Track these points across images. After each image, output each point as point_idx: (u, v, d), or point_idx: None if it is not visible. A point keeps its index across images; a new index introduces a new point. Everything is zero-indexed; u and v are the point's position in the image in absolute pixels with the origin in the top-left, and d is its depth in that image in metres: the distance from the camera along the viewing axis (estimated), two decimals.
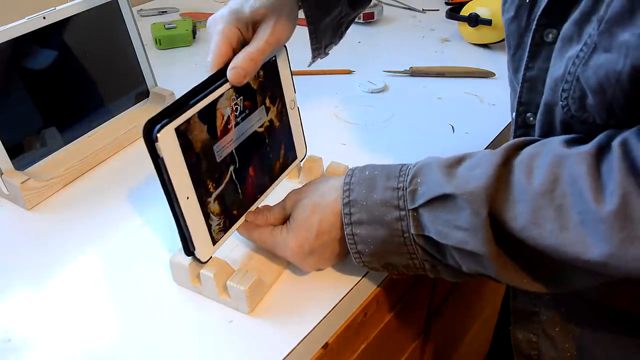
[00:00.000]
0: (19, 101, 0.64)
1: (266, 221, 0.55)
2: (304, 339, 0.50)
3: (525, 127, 0.52)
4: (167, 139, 0.45)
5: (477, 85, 0.89)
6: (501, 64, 0.91)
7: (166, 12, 1.16)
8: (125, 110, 0.76)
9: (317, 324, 0.51)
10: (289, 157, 0.62)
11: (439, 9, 1.17)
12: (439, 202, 0.45)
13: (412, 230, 0.46)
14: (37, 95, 0.66)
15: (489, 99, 0.86)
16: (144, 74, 0.78)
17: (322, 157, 0.65)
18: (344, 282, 0.55)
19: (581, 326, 0.54)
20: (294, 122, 0.62)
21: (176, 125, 0.46)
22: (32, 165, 0.66)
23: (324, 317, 0.52)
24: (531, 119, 0.51)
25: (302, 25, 0.56)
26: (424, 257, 0.48)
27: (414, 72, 0.92)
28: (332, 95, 0.87)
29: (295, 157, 0.63)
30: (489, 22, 0.96)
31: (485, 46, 1.01)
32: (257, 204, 0.58)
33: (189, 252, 0.50)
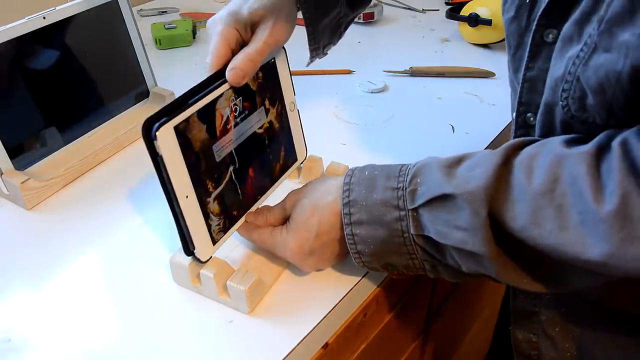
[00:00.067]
0: (19, 101, 0.64)
1: (266, 221, 0.55)
2: (304, 339, 0.50)
3: (525, 127, 0.52)
4: (166, 137, 0.45)
5: (477, 85, 0.89)
6: (501, 64, 0.92)
7: (166, 12, 1.16)
8: (125, 110, 0.76)
9: (317, 324, 0.51)
10: (289, 159, 0.62)
11: (439, 9, 1.17)
12: (438, 202, 0.45)
13: (412, 230, 0.46)
14: (37, 95, 0.66)
15: (489, 99, 0.86)
16: (144, 74, 0.78)
17: (322, 157, 0.65)
18: (344, 282, 0.55)
19: (581, 326, 0.54)
20: (293, 124, 0.62)
21: (175, 123, 0.46)
22: (32, 165, 0.66)
23: (324, 317, 0.52)
24: (531, 119, 0.51)
25: (301, 25, 0.56)
26: (423, 257, 0.48)
27: (414, 72, 0.92)
28: (332, 95, 0.87)
29: (295, 159, 0.63)
30: (489, 22, 0.96)
31: (485, 46, 1.01)
32: (257, 205, 0.57)
33: (188, 251, 0.50)
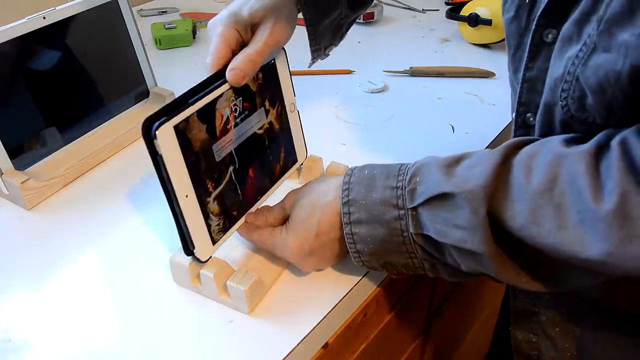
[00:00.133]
0: (18, 101, 0.64)
1: (266, 222, 0.55)
2: (304, 339, 0.50)
3: (525, 127, 0.52)
4: (166, 137, 0.45)
5: (477, 85, 0.89)
6: (501, 64, 0.92)
7: (166, 12, 1.16)
8: (125, 110, 0.76)
9: (317, 324, 0.51)
10: (289, 160, 0.62)
11: (439, 9, 1.17)
12: (438, 201, 0.45)
13: (411, 229, 0.46)
14: (37, 95, 0.66)
15: (489, 99, 0.86)
16: (144, 74, 0.78)
17: (322, 157, 0.66)
18: (344, 282, 0.55)
19: (581, 326, 0.54)
20: (294, 125, 0.62)
21: (175, 123, 0.46)
22: (32, 165, 0.66)
23: (324, 317, 0.52)
24: (531, 119, 0.51)
25: (302, 25, 0.56)
26: (423, 256, 0.48)
27: (414, 72, 0.92)
28: (332, 95, 0.87)
29: (295, 160, 0.63)
30: (489, 22, 0.96)
31: (485, 46, 1.01)
32: (257, 205, 0.57)
33: (188, 251, 0.50)
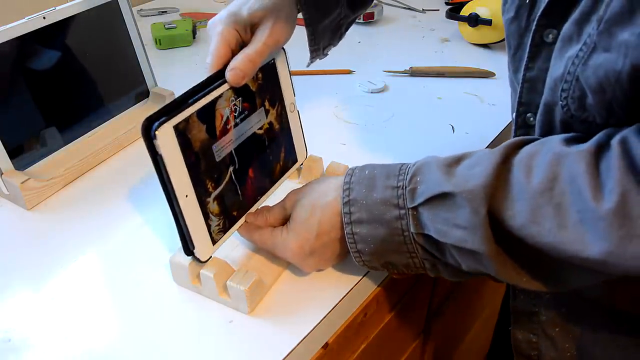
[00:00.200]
0: (19, 101, 0.64)
1: (266, 222, 0.55)
2: (304, 339, 0.50)
3: (525, 127, 0.52)
4: (165, 137, 0.45)
5: (477, 85, 0.89)
6: (501, 64, 0.92)
7: (166, 12, 1.16)
8: (125, 110, 0.76)
9: (317, 324, 0.51)
10: (289, 160, 0.62)
11: (439, 9, 1.17)
12: (438, 200, 0.45)
13: (412, 228, 0.46)
14: (37, 95, 0.66)
15: (489, 99, 0.86)
16: (144, 74, 0.78)
17: (322, 157, 0.65)
18: (344, 282, 0.55)
19: (581, 326, 0.54)
20: (294, 125, 0.62)
21: (175, 123, 0.46)
22: (32, 165, 0.66)
23: (324, 317, 0.52)
24: (531, 119, 0.51)
25: (301, 25, 0.56)
26: (423, 255, 0.48)
27: (414, 72, 0.92)
28: (332, 95, 0.87)
29: (295, 160, 0.63)
30: (489, 22, 0.96)
31: (485, 46, 1.01)
32: (257, 205, 0.57)
33: (188, 251, 0.50)
